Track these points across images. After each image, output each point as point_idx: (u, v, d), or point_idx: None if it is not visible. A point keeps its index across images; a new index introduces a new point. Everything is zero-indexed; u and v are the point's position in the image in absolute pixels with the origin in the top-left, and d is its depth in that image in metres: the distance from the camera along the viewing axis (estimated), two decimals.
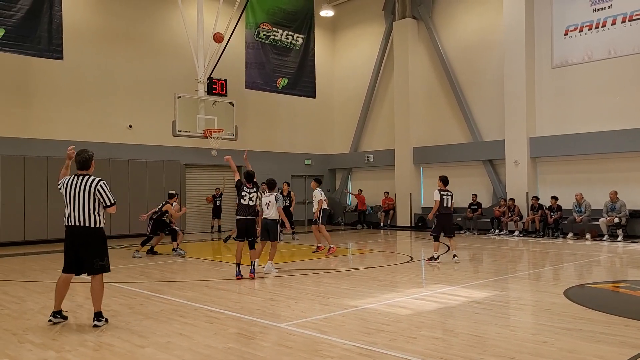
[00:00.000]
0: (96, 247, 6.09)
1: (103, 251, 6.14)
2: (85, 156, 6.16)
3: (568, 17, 17.55)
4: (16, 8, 13.83)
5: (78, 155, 6.18)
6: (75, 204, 6.01)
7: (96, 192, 6.04)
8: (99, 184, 6.07)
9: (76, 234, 6.03)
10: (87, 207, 6.00)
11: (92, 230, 6.03)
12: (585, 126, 17.00)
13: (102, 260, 6.12)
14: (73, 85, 17.52)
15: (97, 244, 6.10)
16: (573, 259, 11.70)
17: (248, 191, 9.56)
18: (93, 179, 6.11)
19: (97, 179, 6.12)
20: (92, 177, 6.13)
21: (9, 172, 15.89)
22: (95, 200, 6.04)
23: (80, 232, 6.02)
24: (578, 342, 5.14)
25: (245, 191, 9.53)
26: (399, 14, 22.12)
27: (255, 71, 18.63)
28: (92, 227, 6.02)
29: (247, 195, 9.51)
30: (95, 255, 6.07)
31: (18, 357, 4.94)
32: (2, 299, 7.73)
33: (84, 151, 6.21)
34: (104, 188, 6.07)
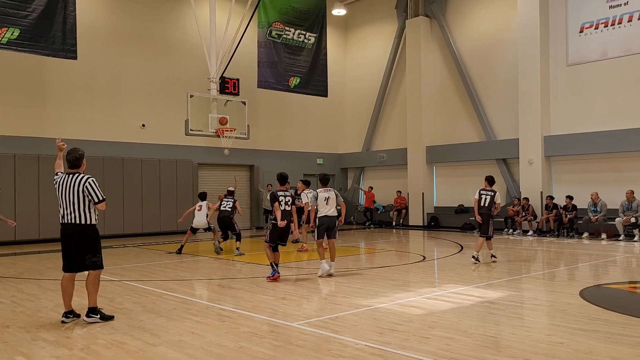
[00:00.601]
0: (87, 244, 6.18)
1: (95, 248, 6.22)
2: (76, 155, 6.30)
3: (583, 14, 17.34)
4: (31, 8, 13.93)
5: (69, 154, 6.31)
6: (67, 202, 6.16)
7: (84, 190, 6.14)
8: (87, 181, 6.16)
9: (69, 231, 6.18)
10: (78, 205, 6.12)
11: (83, 227, 6.14)
12: (601, 125, 16.79)
13: (93, 257, 6.21)
14: (87, 84, 17.64)
15: (89, 241, 6.19)
16: (589, 259, 11.55)
17: (283, 194, 9.22)
18: (82, 176, 6.22)
19: (86, 176, 6.22)
20: (82, 175, 6.24)
21: (24, 170, 16.03)
22: (85, 197, 6.14)
23: (72, 230, 6.16)
24: (594, 343, 5.05)
25: (280, 196, 9.17)
26: (411, 12, 22.00)
27: (267, 70, 18.61)
28: (84, 224, 6.12)
29: (282, 201, 9.15)
30: (86, 252, 6.16)
31: (31, 354, 4.96)
32: (17, 297, 7.79)
33: (74, 150, 6.32)
34: (92, 185, 6.15)
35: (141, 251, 13.80)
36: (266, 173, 21.68)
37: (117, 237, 17.32)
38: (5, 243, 15.38)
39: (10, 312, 6.74)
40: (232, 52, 16.58)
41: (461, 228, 19.55)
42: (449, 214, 20.63)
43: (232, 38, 16.43)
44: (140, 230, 17.95)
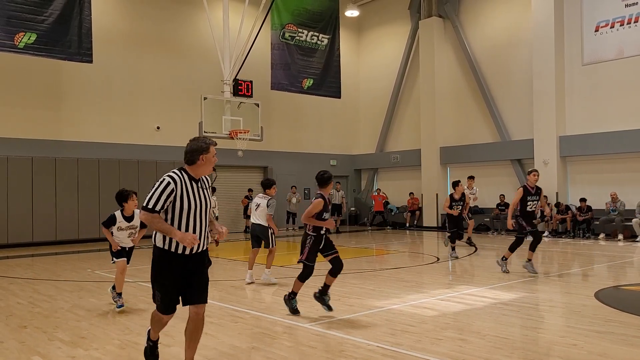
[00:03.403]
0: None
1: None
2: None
3: (599, 13, 17.16)
4: (47, 13, 14.13)
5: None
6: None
7: None
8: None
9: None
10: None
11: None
12: (617, 124, 16.59)
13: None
14: (102, 87, 17.84)
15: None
16: (604, 260, 11.42)
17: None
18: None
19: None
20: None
21: (41, 173, 16.25)
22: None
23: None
24: (609, 346, 5.01)
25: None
26: (424, 12, 21.93)
27: (280, 72, 18.66)
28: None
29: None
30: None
31: (48, 354, 5.04)
32: (34, 297, 7.90)
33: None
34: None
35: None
36: (280, 175, 21.74)
37: None
38: (23, 245, 15.61)
39: (27, 313, 6.84)
40: (246, 54, 16.66)
41: (476, 229, 19.41)
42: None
43: (246, 40, 16.51)
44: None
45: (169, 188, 4.06)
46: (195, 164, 4.20)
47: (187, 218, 4.14)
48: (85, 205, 16.89)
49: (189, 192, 4.15)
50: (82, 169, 16.96)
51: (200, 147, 4.21)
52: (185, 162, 4.26)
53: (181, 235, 4.00)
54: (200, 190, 4.24)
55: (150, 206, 4.05)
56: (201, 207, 4.21)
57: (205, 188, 4.33)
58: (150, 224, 4.09)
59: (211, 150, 4.25)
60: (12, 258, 13.09)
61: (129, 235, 7.12)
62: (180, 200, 4.11)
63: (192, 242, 3.99)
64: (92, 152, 17.35)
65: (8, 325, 6.19)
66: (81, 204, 16.79)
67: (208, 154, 4.23)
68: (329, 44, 20.01)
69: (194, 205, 4.16)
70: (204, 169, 4.24)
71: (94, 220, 17.02)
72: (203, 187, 4.30)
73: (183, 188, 4.13)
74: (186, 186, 4.15)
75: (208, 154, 4.22)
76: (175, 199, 4.10)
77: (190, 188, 4.16)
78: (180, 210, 4.12)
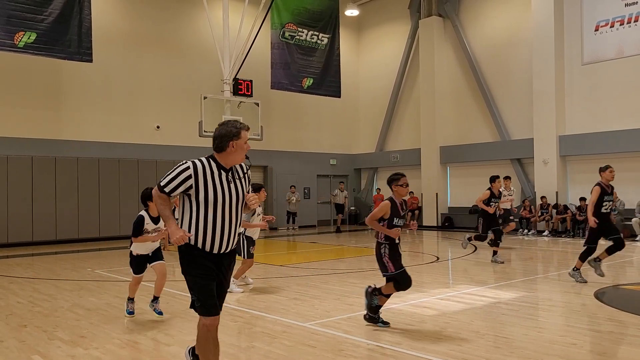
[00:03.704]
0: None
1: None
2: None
3: (598, 13, 17.16)
4: (47, 12, 14.13)
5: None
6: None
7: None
8: None
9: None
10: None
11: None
12: (617, 124, 16.60)
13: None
14: (102, 87, 17.84)
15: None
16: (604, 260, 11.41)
17: None
18: None
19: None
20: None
21: (41, 173, 16.25)
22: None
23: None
24: (608, 345, 5.01)
25: None
26: (424, 12, 21.93)
27: (280, 71, 18.65)
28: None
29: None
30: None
31: (48, 354, 5.04)
32: (34, 297, 7.90)
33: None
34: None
35: None
36: (280, 174, 21.73)
37: None
38: (23, 244, 15.61)
39: (27, 312, 6.85)
40: (246, 54, 16.66)
41: (475, 229, 19.38)
42: (463, 215, 20.51)
43: (245, 39, 16.50)
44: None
45: (185, 173, 3.66)
46: (225, 151, 3.75)
47: (214, 211, 3.68)
48: (85, 204, 16.90)
49: (215, 182, 3.69)
50: (82, 168, 16.96)
51: (230, 133, 3.76)
52: (214, 149, 3.82)
53: (173, 229, 3.62)
54: (231, 182, 3.78)
55: (162, 184, 3.70)
56: (230, 200, 3.73)
57: (238, 179, 3.84)
58: (155, 202, 3.78)
59: (242, 135, 3.78)
60: (12, 257, 13.10)
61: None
62: (204, 191, 3.65)
63: (180, 240, 3.59)
64: (92, 152, 17.36)
65: (8, 324, 6.20)
66: (81, 204, 16.80)
67: (239, 139, 3.76)
68: (328, 43, 20.00)
69: (222, 198, 3.69)
70: (235, 157, 3.79)
71: (93, 219, 17.05)
72: (235, 177, 3.82)
73: (208, 177, 3.67)
74: (212, 175, 3.69)
75: (239, 140, 3.76)
76: (198, 188, 3.65)
77: (217, 178, 3.71)
78: (205, 201, 3.66)
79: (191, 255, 3.73)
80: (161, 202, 3.72)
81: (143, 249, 6.41)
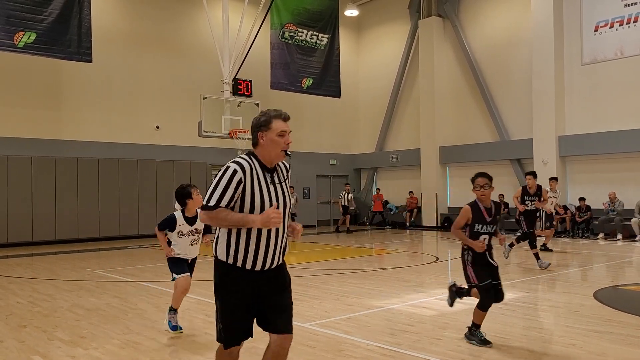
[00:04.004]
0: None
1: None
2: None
3: (598, 13, 17.17)
4: (47, 12, 14.14)
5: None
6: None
7: None
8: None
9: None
10: None
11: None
12: (616, 124, 16.61)
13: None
14: (102, 87, 17.84)
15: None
16: (604, 260, 11.44)
17: None
18: None
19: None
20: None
21: (41, 173, 16.24)
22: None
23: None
24: (608, 345, 5.02)
25: None
26: (424, 12, 21.94)
27: (280, 71, 18.67)
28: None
29: None
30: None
31: (47, 354, 5.04)
32: (33, 297, 7.91)
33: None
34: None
35: (155, 252, 13.92)
36: None
37: (132, 238, 17.49)
38: (23, 244, 15.61)
39: (27, 312, 6.85)
40: (245, 54, 16.67)
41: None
42: None
43: (245, 40, 16.52)
44: (155, 231, 18.07)
45: (235, 178, 3.04)
46: (259, 145, 3.18)
47: None
48: (85, 204, 16.90)
49: (261, 185, 3.11)
50: (82, 168, 16.96)
51: (257, 123, 3.18)
52: (252, 145, 3.26)
53: (261, 217, 2.97)
54: (277, 185, 3.20)
55: (211, 203, 3.04)
56: (277, 206, 3.13)
57: (283, 181, 3.27)
58: (217, 223, 3.09)
59: (274, 125, 3.16)
60: (11, 257, 13.10)
61: (191, 242, 5.69)
62: (250, 196, 3.07)
63: (277, 220, 2.97)
64: (92, 152, 17.36)
65: (8, 324, 6.20)
66: (81, 204, 16.79)
67: (268, 131, 3.15)
68: (328, 43, 20.02)
69: (269, 204, 3.11)
70: (270, 153, 3.16)
71: (93, 219, 17.05)
72: (279, 180, 3.24)
73: (254, 179, 3.10)
74: (257, 176, 3.12)
75: (268, 132, 3.15)
76: (244, 194, 3.07)
77: (262, 180, 3.13)
78: (251, 209, 3.09)
79: (229, 280, 3.17)
80: (224, 216, 3.05)
81: (182, 249, 5.64)
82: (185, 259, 5.71)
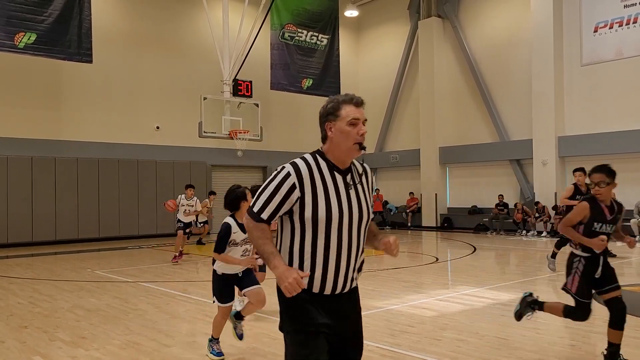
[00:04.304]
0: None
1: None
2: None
3: (598, 14, 17.19)
4: (47, 13, 14.15)
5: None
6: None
7: None
8: None
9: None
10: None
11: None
12: (616, 125, 16.63)
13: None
14: (102, 87, 17.85)
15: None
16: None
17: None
18: None
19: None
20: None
21: (41, 172, 16.26)
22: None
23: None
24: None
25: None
26: (424, 12, 21.96)
27: (280, 72, 18.69)
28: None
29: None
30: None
31: (49, 354, 5.06)
32: (34, 297, 7.92)
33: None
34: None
35: (155, 252, 13.93)
36: None
37: (132, 238, 17.51)
38: (23, 244, 15.63)
39: (27, 313, 6.87)
40: (245, 55, 16.69)
41: (474, 229, 19.48)
42: (463, 215, 20.56)
43: (245, 40, 16.54)
44: (155, 231, 18.11)
45: (287, 184, 2.50)
46: (327, 139, 2.64)
47: (327, 234, 2.52)
48: (85, 205, 16.91)
49: (328, 189, 2.53)
50: (82, 168, 16.98)
51: (324, 111, 2.66)
52: (321, 140, 2.69)
53: (282, 270, 2.44)
54: (352, 189, 2.62)
55: (256, 209, 2.55)
56: (350, 215, 2.56)
57: (359, 183, 2.70)
58: (250, 236, 2.61)
59: (343, 112, 2.62)
60: (11, 257, 13.11)
61: (243, 252, 4.98)
62: (312, 204, 2.49)
63: (293, 288, 2.42)
64: (92, 152, 17.37)
65: (8, 325, 6.22)
66: (81, 204, 16.81)
67: (337, 120, 2.60)
68: (328, 43, 20.04)
69: (338, 212, 2.51)
70: (340, 147, 2.60)
71: (93, 220, 17.07)
72: (355, 182, 2.67)
73: (317, 182, 2.52)
74: (323, 179, 2.54)
75: (337, 121, 2.60)
76: (304, 202, 2.50)
77: (330, 183, 2.55)
78: (314, 220, 2.50)
79: (295, 303, 2.54)
80: (260, 235, 2.55)
81: (230, 267, 4.98)
82: (232, 279, 4.98)
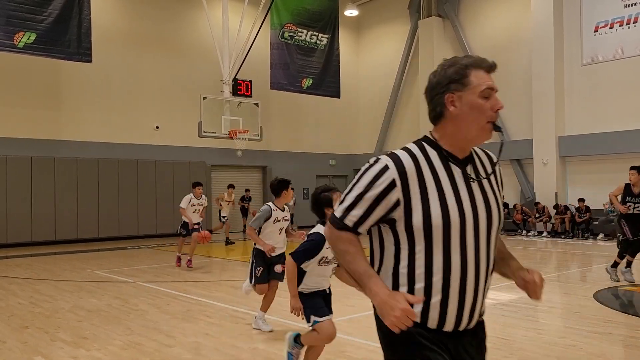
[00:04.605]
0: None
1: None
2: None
3: (598, 14, 17.20)
4: (47, 13, 14.14)
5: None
6: None
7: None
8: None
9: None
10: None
11: None
12: (616, 124, 16.64)
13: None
14: (102, 87, 17.84)
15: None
16: (603, 261, 11.45)
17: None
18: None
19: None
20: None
21: (41, 173, 16.25)
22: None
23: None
24: (607, 346, 5.04)
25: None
26: (424, 12, 21.96)
27: (280, 72, 18.68)
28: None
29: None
30: None
31: (50, 355, 5.06)
32: (35, 298, 7.91)
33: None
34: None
35: (155, 252, 13.93)
36: (279, 175, 21.69)
37: (132, 238, 17.51)
38: (22, 244, 15.62)
39: (28, 313, 6.86)
40: (245, 54, 16.68)
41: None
42: None
43: (245, 40, 16.52)
44: (155, 231, 18.10)
45: (383, 179, 1.83)
46: (445, 118, 1.99)
47: (446, 249, 1.83)
48: (85, 205, 16.90)
49: (442, 185, 1.85)
50: (82, 168, 16.97)
51: (445, 78, 1.96)
52: (431, 121, 2.05)
53: (383, 297, 1.80)
54: (477, 184, 1.95)
55: (338, 214, 1.91)
56: (476, 220, 1.87)
57: (486, 176, 2.04)
58: (333, 250, 1.97)
59: (473, 78, 1.97)
60: (11, 258, 13.10)
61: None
62: (422, 208, 1.81)
63: (401, 320, 1.75)
64: (92, 152, 17.36)
65: (9, 325, 6.21)
66: (80, 204, 16.80)
67: (464, 89, 1.95)
68: (328, 43, 20.02)
69: (459, 218, 1.83)
70: (468, 128, 1.98)
71: (93, 220, 17.06)
72: (479, 175, 2.01)
73: (427, 178, 1.85)
74: (434, 174, 1.87)
75: (465, 91, 1.95)
76: (410, 205, 1.82)
77: (445, 177, 1.88)
78: (427, 229, 1.82)
79: (406, 339, 1.86)
80: (346, 250, 1.93)
81: (317, 283, 4.57)
82: (321, 294, 4.47)
